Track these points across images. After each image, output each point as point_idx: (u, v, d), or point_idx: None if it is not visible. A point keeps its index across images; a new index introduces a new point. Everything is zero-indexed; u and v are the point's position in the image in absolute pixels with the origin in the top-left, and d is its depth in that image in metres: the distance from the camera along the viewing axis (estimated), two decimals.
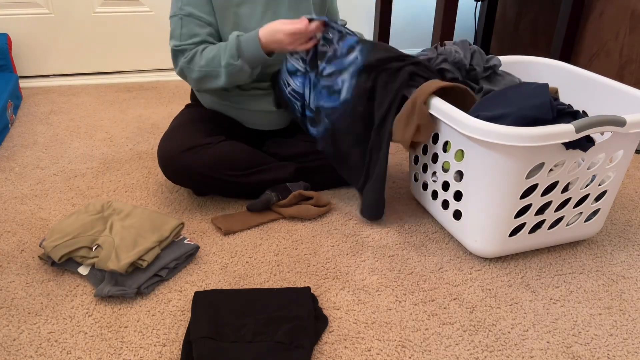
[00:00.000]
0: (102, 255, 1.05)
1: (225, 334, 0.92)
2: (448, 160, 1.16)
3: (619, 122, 1.03)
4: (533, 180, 1.05)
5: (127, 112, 1.97)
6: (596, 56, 1.97)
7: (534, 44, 2.28)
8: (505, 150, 1.01)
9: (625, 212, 1.38)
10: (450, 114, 1.07)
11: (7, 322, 0.98)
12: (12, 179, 1.49)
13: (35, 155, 1.62)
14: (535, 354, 0.94)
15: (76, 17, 2.19)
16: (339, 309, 1.03)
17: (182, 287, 1.08)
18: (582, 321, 1.01)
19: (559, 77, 1.37)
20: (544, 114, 1.03)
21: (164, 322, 0.99)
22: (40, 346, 0.93)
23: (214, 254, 1.18)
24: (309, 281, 1.10)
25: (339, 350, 0.93)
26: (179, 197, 1.40)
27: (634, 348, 0.95)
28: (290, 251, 1.19)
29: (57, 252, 1.07)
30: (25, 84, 2.20)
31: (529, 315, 1.02)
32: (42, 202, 1.37)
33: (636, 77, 1.82)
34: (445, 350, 0.94)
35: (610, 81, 1.25)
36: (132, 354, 0.92)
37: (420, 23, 2.57)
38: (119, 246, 1.06)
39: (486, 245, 1.14)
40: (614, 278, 1.13)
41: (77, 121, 1.88)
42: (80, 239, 1.08)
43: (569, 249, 1.22)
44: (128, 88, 2.23)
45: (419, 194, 1.35)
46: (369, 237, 1.25)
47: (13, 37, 2.14)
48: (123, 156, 1.62)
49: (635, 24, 1.80)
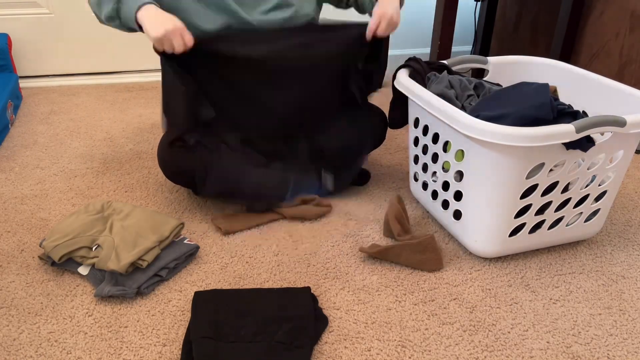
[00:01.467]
0: (102, 256, 1.05)
1: (225, 334, 0.92)
2: (448, 160, 1.16)
3: (619, 123, 1.03)
4: (533, 180, 1.05)
5: (127, 112, 1.97)
6: (596, 56, 1.97)
7: (534, 44, 2.28)
8: (506, 150, 1.01)
9: (625, 212, 1.38)
10: (450, 113, 1.07)
11: (7, 322, 0.98)
12: (12, 179, 1.49)
13: (35, 155, 1.62)
14: (535, 354, 0.94)
15: (76, 17, 2.19)
16: (339, 309, 1.02)
17: (182, 287, 1.08)
18: (582, 321, 1.01)
19: (559, 77, 1.37)
20: (544, 114, 1.03)
21: (164, 322, 0.99)
22: (40, 346, 0.93)
23: (214, 254, 1.18)
24: (309, 281, 1.10)
25: (339, 350, 0.93)
26: (179, 197, 1.40)
27: (634, 348, 0.95)
28: (290, 251, 1.19)
29: (57, 252, 1.07)
30: (25, 84, 2.20)
31: (529, 315, 1.02)
32: (42, 202, 1.37)
33: (636, 77, 1.82)
34: (445, 350, 0.94)
35: (610, 81, 1.25)
36: (132, 354, 0.92)
37: (420, 23, 2.57)
38: (119, 246, 1.06)
39: (486, 245, 1.14)
40: (614, 278, 1.13)
41: (77, 121, 1.88)
42: (80, 239, 1.08)
43: (569, 249, 1.22)
44: (128, 88, 2.23)
45: (419, 194, 1.35)
46: (368, 237, 1.25)
47: (13, 37, 2.14)
48: (123, 156, 1.62)
49: (635, 24, 1.80)
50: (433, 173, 1.26)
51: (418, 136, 1.28)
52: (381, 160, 1.63)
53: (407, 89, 1.23)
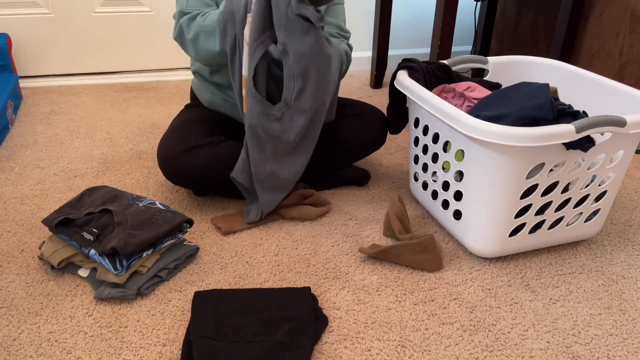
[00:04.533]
0: (101, 268, 1.05)
1: (225, 334, 0.92)
2: (448, 160, 1.16)
3: (620, 123, 1.03)
4: (533, 180, 1.05)
5: (127, 112, 1.97)
6: (596, 56, 1.97)
7: (534, 44, 2.28)
8: (506, 150, 1.01)
9: (625, 212, 1.38)
10: (450, 113, 1.07)
11: (7, 322, 0.98)
12: (12, 179, 1.49)
13: (35, 155, 1.62)
14: (535, 353, 0.94)
15: (76, 17, 2.19)
16: (339, 309, 1.02)
17: (182, 287, 1.08)
18: (582, 321, 1.01)
19: (559, 77, 1.37)
20: (545, 114, 1.03)
21: (164, 322, 0.99)
22: (40, 346, 0.93)
23: (214, 254, 1.18)
24: (309, 281, 1.10)
25: (339, 350, 0.93)
26: (179, 197, 1.40)
27: (634, 348, 0.95)
28: (290, 251, 1.19)
29: (56, 258, 1.07)
30: (25, 84, 2.20)
31: (529, 315, 1.02)
32: (42, 202, 1.37)
33: (636, 77, 1.82)
34: (445, 350, 0.94)
35: (610, 81, 1.25)
36: (132, 354, 0.92)
37: (420, 23, 2.57)
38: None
39: (486, 245, 1.14)
40: (614, 278, 1.13)
41: (77, 121, 1.88)
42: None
43: (569, 249, 1.22)
44: (128, 88, 2.23)
45: (419, 194, 1.35)
46: (369, 237, 1.25)
47: (13, 37, 2.14)
48: (123, 156, 1.62)
49: (635, 24, 1.80)
50: (433, 173, 1.26)
51: (418, 136, 1.28)
52: (381, 160, 1.63)
53: (407, 88, 1.23)
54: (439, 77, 1.32)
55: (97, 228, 1.06)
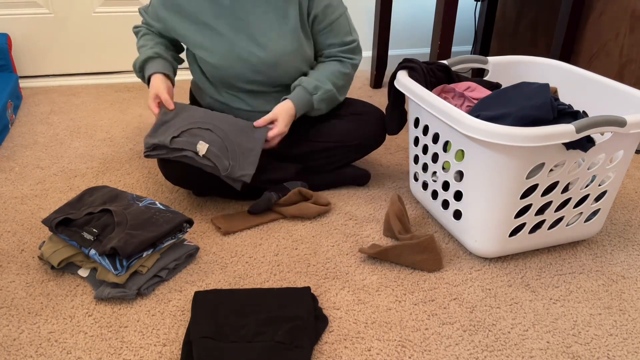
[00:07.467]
0: (101, 268, 1.05)
1: (225, 334, 0.92)
2: (448, 160, 1.16)
3: (620, 123, 1.03)
4: (533, 180, 1.05)
5: (127, 112, 1.97)
6: (596, 56, 1.97)
7: (534, 44, 2.28)
8: (506, 150, 1.01)
9: (625, 212, 1.38)
10: (450, 113, 1.07)
11: (7, 322, 0.98)
12: (12, 179, 1.48)
13: (35, 155, 1.62)
14: (535, 353, 0.94)
15: (76, 17, 2.19)
16: (339, 309, 1.02)
17: (182, 287, 1.08)
18: (582, 321, 1.01)
19: (559, 77, 1.37)
20: (545, 114, 1.03)
21: (164, 322, 0.99)
22: (40, 346, 0.93)
23: (214, 254, 1.18)
24: (309, 281, 1.10)
25: (339, 350, 0.93)
26: (179, 197, 1.40)
27: (634, 348, 0.95)
28: (290, 251, 1.19)
29: (56, 258, 1.07)
30: (25, 84, 2.20)
31: (529, 315, 1.02)
32: (42, 202, 1.37)
33: (636, 77, 1.82)
34: (445, 350, 0.94)
35: (610, 81, 1.25)
36: (132, 354, 0.92)
37: (420, 23, 2.57)
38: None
39: (486, 245, 1.14)
40: (614, 278, 1.13)
41: (77, 121, 1.88)
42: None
43: (569, 249, 1.22)
44: (128, 88, 2.23)
45: (419, 194, 1.35)
46: (369, 237, 1.25)
47: (13, 37, 2.14)
48: (123, 156, 1.62)
49: (635, 24, 1.80)
50: (433, 173, 1.26)
51: (418, 136, 1.28)
52: (381, 160, 1.63)
53: (408, 88, 1.23)
54: (439, 77, 1.32)
55: (97, 228, 1.06)
